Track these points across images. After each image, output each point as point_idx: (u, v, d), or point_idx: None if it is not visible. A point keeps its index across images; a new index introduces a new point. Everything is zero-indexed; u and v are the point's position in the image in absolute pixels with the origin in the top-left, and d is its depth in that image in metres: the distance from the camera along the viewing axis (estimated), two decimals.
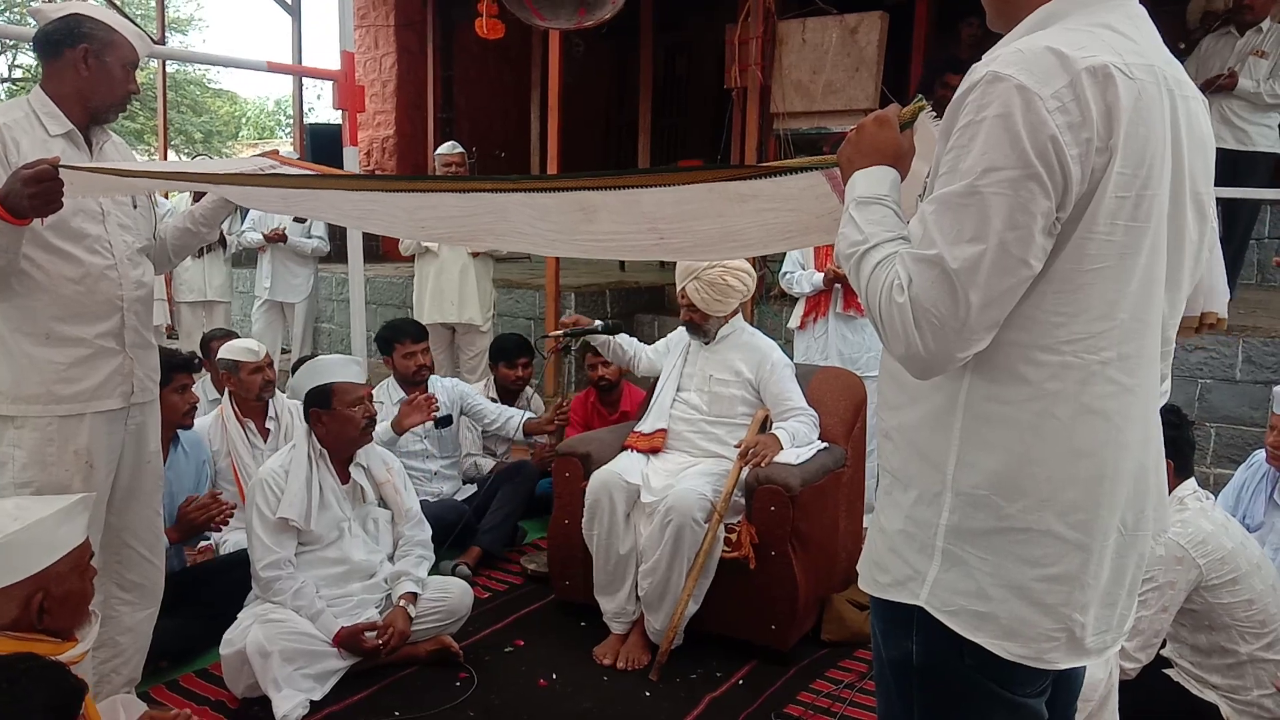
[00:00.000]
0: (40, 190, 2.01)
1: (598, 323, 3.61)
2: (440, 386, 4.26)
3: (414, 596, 3.05)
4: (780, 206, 1.67)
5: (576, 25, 2.71)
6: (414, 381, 4.15)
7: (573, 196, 1.75)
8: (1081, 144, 1.15)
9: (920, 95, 1.59)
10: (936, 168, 1.24)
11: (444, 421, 4.17)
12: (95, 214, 2.34)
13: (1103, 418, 1.24)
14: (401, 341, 4.15)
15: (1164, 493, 1.37)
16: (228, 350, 3.80)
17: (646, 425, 3.43)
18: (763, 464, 3.07)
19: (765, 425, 3.31)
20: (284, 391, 3.93)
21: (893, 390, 1.40)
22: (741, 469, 3.09)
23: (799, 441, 3.21)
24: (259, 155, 2.55)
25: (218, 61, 6.18)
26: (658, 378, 3.59)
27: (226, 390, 3.86)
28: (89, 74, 2.28)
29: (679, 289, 3.37)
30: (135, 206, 2.46)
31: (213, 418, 3.83)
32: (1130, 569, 1.32)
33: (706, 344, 3.45)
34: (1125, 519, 1.29)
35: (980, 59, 1.23)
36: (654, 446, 3.36)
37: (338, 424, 3.03)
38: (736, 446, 3.19)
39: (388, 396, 4.13)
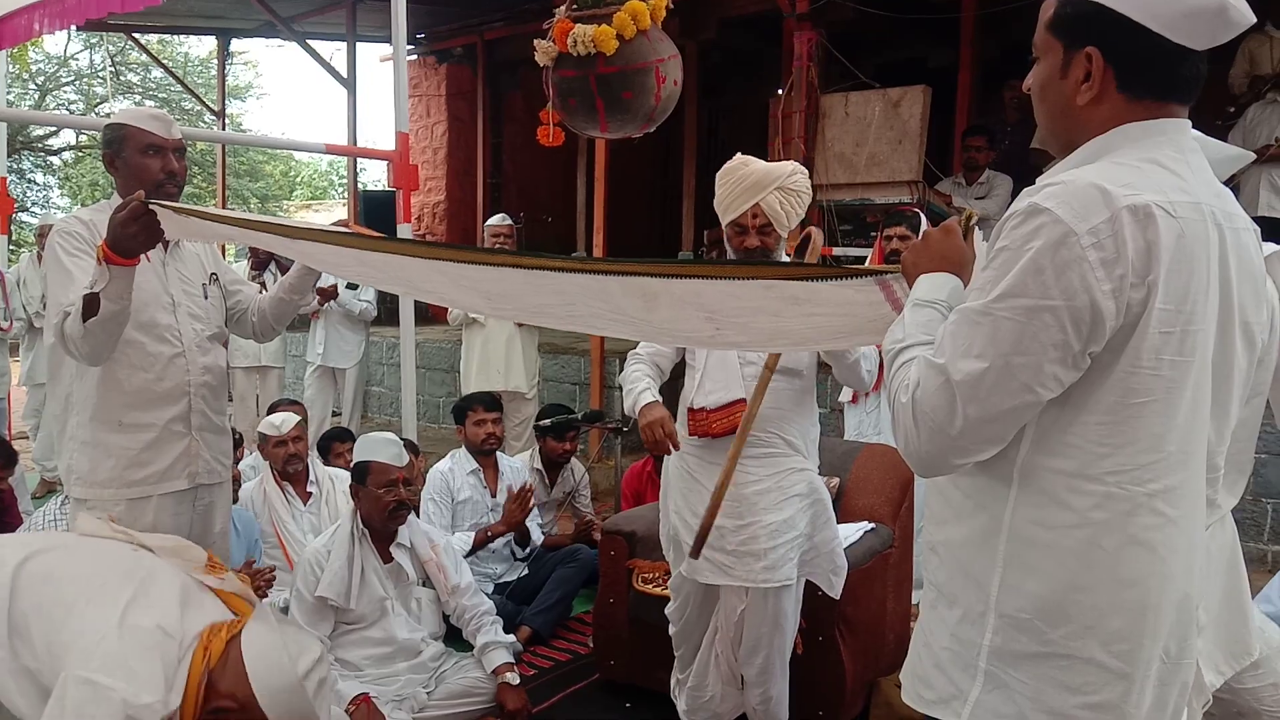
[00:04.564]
0: (140, 226, 2.13)
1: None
2: (508, 466, 4.33)
3: (512, 666, 3.10)
4: (834, 311, 1.73)
5: (632, 135, 2.79)
6: (483, 450, 4.22)
7: (636, 282, 1.81)
8: (1115, 280, 1.18)
9: (968, 209, 1.63)
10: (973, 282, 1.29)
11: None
12: (167, 305, 2.47)
13: (1148, 549, 1.25)
14: (474, 408, 4.25)
15: (1244, 615, 1.36)
16: (262, 424, 4.09)
17: (711, 397, 2.61)
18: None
19: (806, 246, 2.73)
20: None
21: (939, 505, 1.43)
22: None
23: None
24: (334, 224, 2.57)
25: (279, 145, 6.44)
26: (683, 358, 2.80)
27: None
28: (120, 175, 2.42)
29: (743, 210, 2.60)
30: (206, 297, 2.58)
31: (255, 484, 4.02)
32: (1173, 697, 1.32)
33: None
34: (1168, 648, 1.29)
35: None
36: (735, 425, 2.52)
37: (369, 502, 3.10)
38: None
39: (460, 467, 4.20)
